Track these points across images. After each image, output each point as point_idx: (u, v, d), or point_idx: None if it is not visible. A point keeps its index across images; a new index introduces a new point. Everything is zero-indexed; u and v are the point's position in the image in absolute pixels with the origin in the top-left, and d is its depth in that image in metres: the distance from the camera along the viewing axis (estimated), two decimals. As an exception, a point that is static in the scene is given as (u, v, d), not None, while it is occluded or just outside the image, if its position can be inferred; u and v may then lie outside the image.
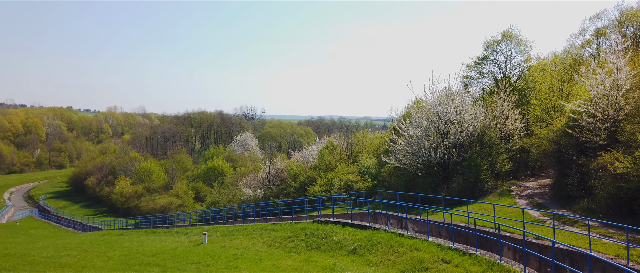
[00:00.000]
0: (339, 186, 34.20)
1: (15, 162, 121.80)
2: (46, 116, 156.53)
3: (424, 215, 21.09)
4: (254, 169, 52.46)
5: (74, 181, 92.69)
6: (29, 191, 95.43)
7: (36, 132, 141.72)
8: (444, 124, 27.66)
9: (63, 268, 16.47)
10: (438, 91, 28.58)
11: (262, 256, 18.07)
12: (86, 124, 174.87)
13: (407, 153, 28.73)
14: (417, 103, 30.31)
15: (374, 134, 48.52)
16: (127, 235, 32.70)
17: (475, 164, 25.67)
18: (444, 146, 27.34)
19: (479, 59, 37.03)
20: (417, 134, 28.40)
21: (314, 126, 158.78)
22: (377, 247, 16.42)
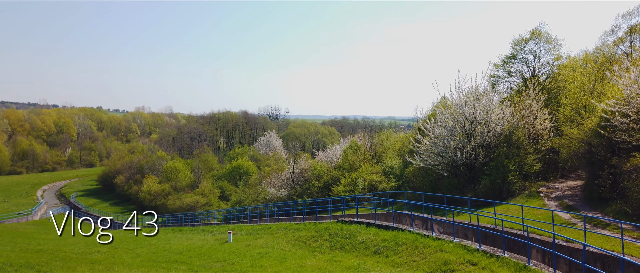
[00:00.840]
0: (362, 187, 34.08)
1: (48, 161, 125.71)
2: (77, 116, 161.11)
3: (449, 216, 20.82)
4: (278, 168, 52.78)
5: (104, 180, 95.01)
6: (61, 189, 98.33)
7: (68, 131, 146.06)
8: (470, 124, 27.25)
9: (93, 264, 16.90)
10: (464, 91, 28.16)
11: (287, 255, 18.16)
12: (115, 124, 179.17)
13: (433, 153, 28.41)
14: (442, 103, 29.93)
15: (398, 134, 48.17)
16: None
17: (503, 165, 25.20)
18: (471, 146, 26.93)
19: (507, 57, 36.32)
20: (442, 135, 28.06)
21: (338, 126, 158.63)
22: (401, 248, 16.30)
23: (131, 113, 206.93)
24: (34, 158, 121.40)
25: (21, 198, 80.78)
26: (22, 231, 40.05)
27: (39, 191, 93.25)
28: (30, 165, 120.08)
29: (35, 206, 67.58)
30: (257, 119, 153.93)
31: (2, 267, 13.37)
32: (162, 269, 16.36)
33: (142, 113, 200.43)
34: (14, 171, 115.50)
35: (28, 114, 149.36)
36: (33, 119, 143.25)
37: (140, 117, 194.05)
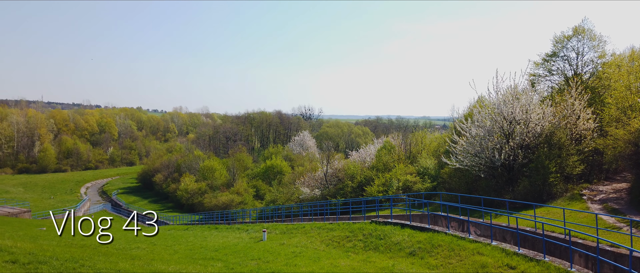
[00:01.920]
0: (397, 187, 33.76)
1: (91, 159, 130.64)
2: (118, 116, 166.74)
3: (487, 218, 20.35)
4: (312, 168, 52.97)
5: (143, 178, 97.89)
6: (102, 186, 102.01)
7: (109, 131, 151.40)
8: (508, 124, 26.55)
9: (134, 259, 17.43)
10: (502, 90, 27.46)
11: (320, 255, 18.20)
12: (154, 124, 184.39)
13: (469, 154, 27.84)
14: (479, 102, 29.29)
15: (433, 134, 47.49)
16: (192, 230, 34.10)
17: (543, 167, 24.42)
18: (509, 147, 26.23)
19: (547, 55, 35.17)
20: (479, 135, 27.45)
21: (372, 126, 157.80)
22: (437, 250, 16.05)
23: (169, 113, 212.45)
24: (78, 157, 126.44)
25: (66, 195, 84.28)
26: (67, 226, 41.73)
27: (83, 188, 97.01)
28: (74, 163, 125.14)
29: (78, 203, 70.38)
30: (290, 119, 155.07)
31: (49, 261, 13.97)
32: (199, 266, 16.70)
33: (180, 113, 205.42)
34: (60, 169, 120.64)
35: (72, 114, 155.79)
36: (77, 119, 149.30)
37: (178, 117, 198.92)
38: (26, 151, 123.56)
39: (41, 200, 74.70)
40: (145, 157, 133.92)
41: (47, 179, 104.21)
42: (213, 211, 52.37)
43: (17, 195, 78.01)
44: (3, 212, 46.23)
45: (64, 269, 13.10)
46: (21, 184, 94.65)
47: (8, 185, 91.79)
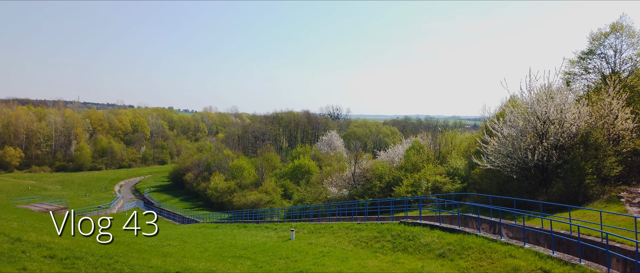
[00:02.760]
0: (426, 188, 33.36)
1: (125, 158, 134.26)
2: (150, 115, 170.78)
3: (519, 220, 19.87)
4: (339, 168, 52.92)
5: (174, 177, 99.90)
6: (135, 184, 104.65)
7: (142, 131, 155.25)
8: (542, 124, 25.84)
9: (165, 256, 17.82)
10: (536, 89, 26.74)
11: (349, 255, 18.17)
12: (185, 123, 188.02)
13: (501, 154, 27.24)
14: (512, 102, 28.61)
15: (463, 134, 46.64)
16: (221, 228, 34.60)
17: (579, 168, 23.65)
18: (543, 147, 25.53)
19: (583, 53, 34.04)
20: (511, 135, 26.83)
21: (400, 126, 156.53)
22: (467, 252, 15.78)
23: (199, 113, 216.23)
24: (112, 155, 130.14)
25: (101, 193, 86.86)
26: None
27: (117, 186, 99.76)
28: (108, 162, 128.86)
29: (113, 201, 72.40)
30: (318, 118, 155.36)
31: (85, 256, 14.43)
32: (229, 264, 16.93)
33: (210, 113, 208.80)
34: (95, 167, 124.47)
35: (107, 114, 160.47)
36: (111, 119, 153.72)
37: (208, 117, 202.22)
38: (63, 149, 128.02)
39: (77, 198, 77.26)
40: (177, 156, 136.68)
41: (83, 177, 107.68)
42: (242, 210, 52.97)
43: (54, 192, 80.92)
44: (42, 209, 48.01)
45: (99, 265, 13.51)
46: (59, 182, 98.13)
47: (46, 183, 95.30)
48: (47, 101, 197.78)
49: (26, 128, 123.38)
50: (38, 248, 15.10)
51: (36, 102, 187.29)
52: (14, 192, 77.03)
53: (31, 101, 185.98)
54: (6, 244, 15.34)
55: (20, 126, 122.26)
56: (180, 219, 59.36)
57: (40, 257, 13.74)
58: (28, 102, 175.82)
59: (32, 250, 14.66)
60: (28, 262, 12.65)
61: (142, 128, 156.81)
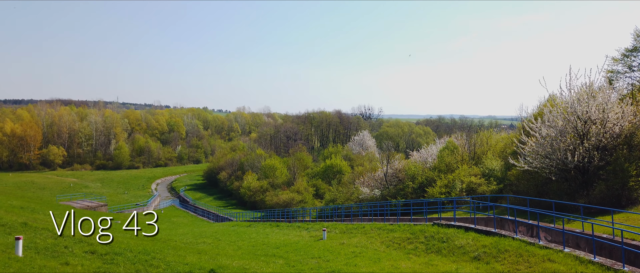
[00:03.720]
0: (460, 189, 32.73)
1: (161, 157, 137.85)
2: (186, 116, 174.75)
3: (558, 224, 19.22)
4: (371, 168, 52.61)
5: (208, 175, 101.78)
6: (171, 183, 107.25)
7: (178, 130, 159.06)
8: (583, 124, 24.91)
9: (200, 254, 18.16)
10: (576, 87, 25.79)
11: (381, 256, 18.03)
12: (219, 123, 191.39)
13: (539, 155, 26.42)
14: (550, 101, 27.70)
15: (499, 134, 45.49)
16: (254, 227, 35.00)
17: (622, 169, 22.66)
18: (583, 148, 24.60)
19: (627, 50, 32.62)
20: (550, 135, 25.97)
21: (433, 126, 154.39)
22: (504, 255, 15.37)
23: (233, 113, 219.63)
24: (149, 154, 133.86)
25: (138, 191, 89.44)
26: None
27: (153, 184, 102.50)
28: (146, 160, 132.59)
29: (149, 199, 74.43)
30: (350, 118, 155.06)
31: (124, 252, 14.87)
32: (262, 262, 17.10)
33: (243, 113, 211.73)
34: (133, 165, 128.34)
35: (144, 114, 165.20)
36: (149, 119, 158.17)
37: (241, 117, 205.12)
38: (103, 148, 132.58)
39: (116, 195, 79.82)
40: (211, 155, 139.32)
41: (121, 175, 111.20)
42: (274, 209, 53.42)
43: (95, 190, 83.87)
44: (83, 206, 49.83)
45: (137, 261, 13.90)
46: (99, 179, 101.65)
47: (87, 180, 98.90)
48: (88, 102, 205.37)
49: (69, 128, 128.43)
50: (79, 244, 15.66)
51: (78, 102, 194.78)
52: (57, 189, 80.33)
53: (73, 102, 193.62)
54: (50, 239, 15.98)
55: (63, 125, 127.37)
56: (214, 217, 60.41)
57: (81, 252, 14.26)
58: (70, 102, 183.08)
59: (74, 245, 15.22)
60: (70, 256, 13.14)
61: (178, 128, 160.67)
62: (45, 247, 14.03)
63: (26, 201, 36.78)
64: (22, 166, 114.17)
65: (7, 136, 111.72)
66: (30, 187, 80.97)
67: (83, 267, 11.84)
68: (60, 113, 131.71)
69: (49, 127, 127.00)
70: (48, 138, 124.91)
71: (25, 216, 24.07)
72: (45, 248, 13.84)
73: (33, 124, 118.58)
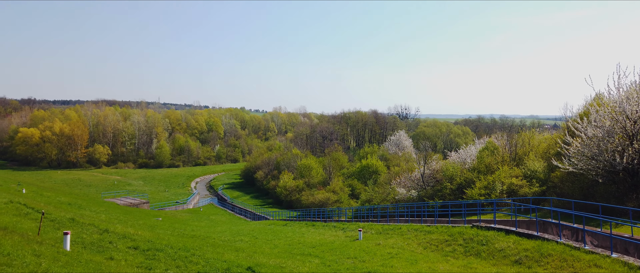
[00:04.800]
0: (500, 191, 31.87)
1: (200, 156, 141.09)
2: (224, 115, 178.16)
3: (605, 228, 18.40)
4: (408, 169, 51.99)
5: (246, 174, 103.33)
6: (210, 181, 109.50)
7: (216, 130, 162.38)
8: (632, 124, 23.74)
9: (237, 251, 18.45)
10: (625, 86, 24.62)
11: (418, 257, 17.78)
12: (256, 123, 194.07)
13: (585, 156, 25.38)
14: (597, 100, 26.56)
15: (542, 134, 43.93)
16: (290, 226, 35.25)
17: (676, 172, 21.48)
18: (633, 149, 23.45)
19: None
20: (597, 136, 24.89)
21: (472, 126, 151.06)
22: (547, 259, 14.85)
23: (269, 113, 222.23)
24: (189, 153, 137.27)
25: (178, 189, 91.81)
26: (179, 218, 45.48)
27: (193, 183, 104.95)
28: (185, 159, 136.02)
29: (189, 196, 76.27)
30: (386, 118, 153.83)
31: (165, 249, 15.29)
32: (298, 261, 17.20)
33: (279, 113, 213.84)
34: (173, 164, 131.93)
35: (184, 114, 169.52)
36: (188, 119, 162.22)
37: (278, 117, 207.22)
38: (145, 147, 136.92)
39: (157, 193, 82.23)
40: (248, 154, 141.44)
41: (162, 173, 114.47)
42: (310, 209, 53.64)
43: (137, 188, 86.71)
44: (126, 203, 51.60)
45: (177, 257, 14.26)
46: (141, 177, 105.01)
47: (130, 178, 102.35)
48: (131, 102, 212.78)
49: (113, 127, 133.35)
50: (123, 240, 16.22)
51: (122, 103, 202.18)
52: (102, 186, 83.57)
53: (117, 102, 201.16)
54: (95, 235, 16.63)
55: (107, 125, 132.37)
56: (251, 216, 61.27)
57: (125, 247, 14.76)
58: (115, 103, 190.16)
59: (118, 241, 15.77)
60: (114, 251, 13.63)
61: (216, 128, 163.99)
62: (91, 242, 14.61)
63: (73, 198, 38.45)
64: (69, 164, 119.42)
65: (56, 136, 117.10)
66: (77, 184, 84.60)
67: (126, 262, 12.24)
68: (105, 113, 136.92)
69: (94, 126, 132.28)
70: (94, 137, 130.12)
71: (73, 212, 25.16)
72: (91, 243, 14.40)
73: (80, 124, 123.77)
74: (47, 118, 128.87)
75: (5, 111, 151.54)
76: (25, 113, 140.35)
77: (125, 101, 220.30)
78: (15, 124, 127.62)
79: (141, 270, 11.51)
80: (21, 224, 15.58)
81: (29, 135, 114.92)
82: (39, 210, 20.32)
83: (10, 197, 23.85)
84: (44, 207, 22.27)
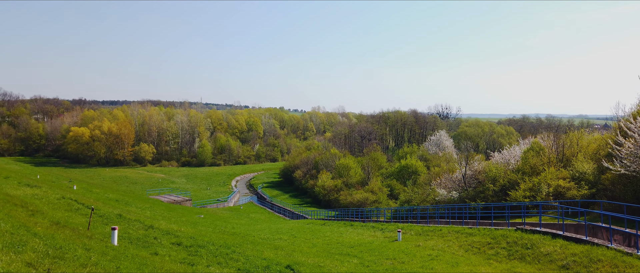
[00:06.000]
0: (546, 193, 30.72)
1: (240, 155, 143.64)
2: (263, 115, 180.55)
3: (661, 234, 17.39)
4: (449, 169, 50.94)
5: (284, 173, 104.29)
6: (249, 180, 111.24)
7: (256, 129, 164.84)
8: (692, 123, 22.36)
9: (277, 249, 18.64)
10: (684, 83, 23.23)
11: (459, 260, 17.40)
12: (294, 123, 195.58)
13: (638, 158, 24.10)
14: (652, 98, 25.15)
15: (591, 135, 42.00)
16: (328, 225, 35.30)
17: None
18: (693, 150, 22.09)
19: None
20: (652, 136, 23.60)
21: (517, 126, 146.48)
22: (596, 265, 14.19)
23: (308, 112, 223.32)
24: (230, 152, 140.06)
25: (219, 187, 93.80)
26: (220, 215, 46.43)
27: (233, 181, 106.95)
28: (226, 158, 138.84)
29: (230, 195, 77.76)
30: (426, 118, 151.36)
31: (206, 245, 15.65)
32: (336, 260, 17.20)
33: (318, 113, 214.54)
34: (214, 163, 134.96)
35: (225, 114, 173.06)
36: (229, 118, 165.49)
37: (316, 116, 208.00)
38: (188, 146, 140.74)
39: (199, 190, 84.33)
40: (287, 154, 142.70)
41: (204, 172, 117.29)
42: (348, 208, 53.53)
43: (180, 185, 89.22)
44: (170, 200, 53.16)
45: (218, 254, 14.56)
46: (184, 175, 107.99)
47: (174, 176, 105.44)
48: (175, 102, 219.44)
49: (157, 127, 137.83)
50: (167, 236, 16.71)
51: (166, 103, 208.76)
52: (147, 184, 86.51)
53: (162, 102, 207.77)
54: (141, 230, 17.21)
55: (152, 124, 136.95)
56: (289, 214, 61.79)
57: (168, 243, 15.21)
58: (159, 103, 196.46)
59: (162, 237, 16.27)
60: (159, 247, 14.06)
61: (256, 127, 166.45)
62: (137, 238, 15.13)
63: (120, 195, 39.99)
64: (117, 162, 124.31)
65: (104, 134, 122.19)
66: (123, 181, 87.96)
67: (170, 258, 12.61)
68: (150, 113, 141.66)
69: (140, 126, 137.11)
70: (139, 136, 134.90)
71: (120, 209, 26.16)
72: (137, 239, 14.92)
73: (127, 123, 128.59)
74: (97, 117, 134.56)
75: (58, 111, 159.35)
76: (77, 113, 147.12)
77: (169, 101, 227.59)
78: (67, 123, 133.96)
79: (184, 265, 11.83)
80: (72, 219, 16.33)
81: (80, 134, 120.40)
82: (88, 205, 21.24)
83: (62, 193, 25.06)
84: (93, 203, 23.27)
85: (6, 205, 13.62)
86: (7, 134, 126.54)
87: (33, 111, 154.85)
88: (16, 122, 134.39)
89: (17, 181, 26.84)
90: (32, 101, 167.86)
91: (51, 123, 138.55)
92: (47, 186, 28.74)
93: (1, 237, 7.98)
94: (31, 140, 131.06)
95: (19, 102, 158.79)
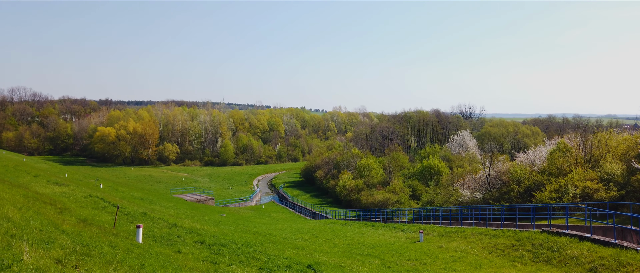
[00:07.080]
0: (573, 194, 30.00)
1: (262, 154, 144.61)
2: (285, 115, 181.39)
3: (695, 238, 16.77)
4: (472, 170, 50.22)
5: (306, 173, 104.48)
6: (271, 179, 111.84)
7: (277, 129, 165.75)
8: None
9: (298, 249, 18.69)
10: None
11: (482, 262, 17.14)
12: (315, 123, 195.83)
13: (670, 159, 23.34)
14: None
15: (621, 135, 40.84)
16: (349, 226, 35.22)
17: None
18: None
19: None
20: (685, 136, 22.81)
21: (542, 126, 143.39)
22: (626, 269, 13.78)
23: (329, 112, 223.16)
24: (252, 152, 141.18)
25: (241, 186, 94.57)
26: (242, 214, 46.81)
27: (255, 180, 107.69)
28: (248, 158, 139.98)
29: (251, 194, 78.34)
30: (449, 118, 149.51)
31: (229, 244, 15.80)
32: (357, 261, 17.14)
33: (339, 113, 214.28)
34: (236, 162, 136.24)
35: (247, 114, 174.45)
36: (251, 118, 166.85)
37: (337, 116, 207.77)
38: (211, 146, 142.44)
39: (222, 190, 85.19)
40: (308, 154, 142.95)
41: (226, 171, 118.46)
42: (369, 209, 53.31)
43: (203, 184, 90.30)
44: (193, 199, 53.87)
45: (240, 252, 14.68)
46: (207, 175, 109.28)
47: (197, 175, 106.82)
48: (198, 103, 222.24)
49: (181, 126, 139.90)
50: (190, 234, 16.93)
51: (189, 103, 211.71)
52: (171, 183, 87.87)
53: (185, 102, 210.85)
54: (165, 228, 17.49)
55: (176, 124, 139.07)
56: (311, 214, 61.88)
57: (192, 241, 15.41)
58: (183, 103, 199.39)
59: (186, 235, 16.49)
60: (182, 245, 14.26)
61: (278, 127, 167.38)
62: (161, 236, 15.38)
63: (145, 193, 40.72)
64: (141, 161, 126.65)
65: (130, 134, 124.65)
66: (148, 180, 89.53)
67: (193, 256, 12.77)
68: (174, 113, 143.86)
69: (164, 126, 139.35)
70: (164, 136, 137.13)
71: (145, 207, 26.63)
72: (161, 237, 15.16)
73: (151, 123, 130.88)
74: (122, 117, 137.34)
75: (85, 111, 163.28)
76: (103, 113, 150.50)
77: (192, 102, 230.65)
78: (94, 123, 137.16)
79: (206, 264, 11.96)
80: (99, 217, 16.70)
81: (106, 134, 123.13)
82: (114, 204, 21.69)
83: (89, 191, 25.66)
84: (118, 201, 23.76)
85: (36, 203, 14.02)
86: (37, 134, 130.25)
87: (61, 111, 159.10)
88: (45, 122, 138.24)
89: (46, 180, 27.60)
90: (60, 101, 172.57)
91: (79, 123, 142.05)
92: (74, 184, 29.47)
93: (31, 234, 8.21)
94: (59, 139, 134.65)
95: (48, 102, 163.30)
